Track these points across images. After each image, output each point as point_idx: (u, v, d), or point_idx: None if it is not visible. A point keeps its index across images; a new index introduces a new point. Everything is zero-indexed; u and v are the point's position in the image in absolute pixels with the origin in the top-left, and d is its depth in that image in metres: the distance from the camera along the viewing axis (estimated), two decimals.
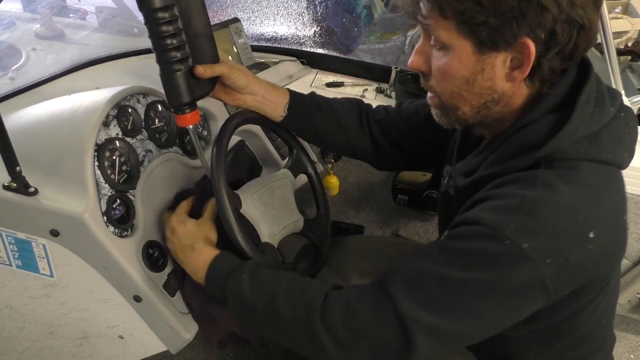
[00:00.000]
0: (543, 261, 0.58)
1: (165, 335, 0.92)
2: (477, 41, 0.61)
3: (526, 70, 0.61)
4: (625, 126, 0.67)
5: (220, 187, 0.78)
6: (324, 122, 0.95)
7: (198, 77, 0.78)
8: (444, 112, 0.72)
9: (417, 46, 0.69)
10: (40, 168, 0.84)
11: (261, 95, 0.90)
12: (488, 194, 0.65)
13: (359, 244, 1.21)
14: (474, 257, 0.61)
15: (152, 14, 0.70)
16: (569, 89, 0.65)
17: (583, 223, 0.60)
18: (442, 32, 0.62)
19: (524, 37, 0.59)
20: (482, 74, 0.64)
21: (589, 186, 0.62)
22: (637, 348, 1.66)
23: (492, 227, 0.59)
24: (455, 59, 0.64)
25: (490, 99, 0.66)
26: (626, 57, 2.24)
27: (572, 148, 0.62)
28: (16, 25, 1.56)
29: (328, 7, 1.69)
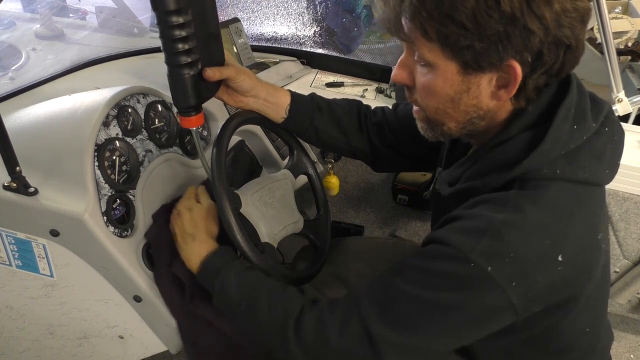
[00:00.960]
0: (509, 284, 0.59)
1: (165, 335, 0.92)
2: (462, 63, 0.60)
3: (512, 90, 0.60)
4: (609, 141, 0.66)
5: (220, 187, 0.78)
6: (324, 123, 0.95)
7: (206, 79, 0.78)
8: (429, 126, 0.71)
9: (400, 59, 0.68)
10: (40, 168, 0.84)
11: (263, 98, 0.90)
12: (460, 213, 0.65)
13: (356, 246, 1.21)
14: (441, 278, 0.62)
15: (165, 16, 0.68)
16: (547, 105, 0.64)
17: (550, 246, 0.60)
18: (425, 51, 0.61)
19: (510, 60, 0.58)
20: (468, 93, 0.63)
21: (560, 208, 0.62)
22: (637, 348, 1.66)
23: (459, 249, 0.60)
24: (440, 78, 0.62)
25: (475, 115, 0.66)
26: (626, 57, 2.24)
27: (547, 167, 0.62)
28: (16, 25, 1.56)
29: (328, 7, 1.69)
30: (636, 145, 1.29)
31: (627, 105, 1.29)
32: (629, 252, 1.41)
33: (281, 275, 0.84)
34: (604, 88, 1.31)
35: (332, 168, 1.53)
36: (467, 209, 0.65)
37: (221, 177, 0.78)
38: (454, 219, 0.65)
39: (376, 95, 1.48)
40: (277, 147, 1.31)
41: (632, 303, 1.56)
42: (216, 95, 0.87)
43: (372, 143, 0.99)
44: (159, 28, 0.71)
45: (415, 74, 0.66)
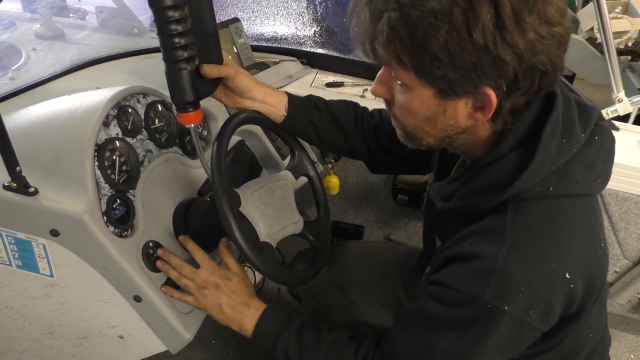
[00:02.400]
0: (527, 313, 0.60)
1: (165, 335, 0.92)
2: (437, 89, 0.60)
3: (488, 114, 0.60)
4: (599, 151, 0.65)
5: (219, 186, 0.78)
6: (323, 122, 0.96)
7: (203, 76, 0.79)
8: (408, 138, 0.72)
9: (379, 75, 0.68)
10: (40, 168, 0.83)
11: (260, 99, 0.90)
12: (460, 251, 0.65)
13: (350, 251, 1.21)
14: (464, 324, 0.64)
15: (162, 12, 0.69)
16: (533, 121, 0.63)
17: (557, 269, 0.61)
18: (402, 75, 0.61)
19: (484, 87, 0.57)
20: (445, 115, 0.63)
21: (559, 227, 0.62)
22: (637, 348, 1.66)
23: (471, 294, 0.61)
24: (416, 99, 0.62)
25: (453, 132, 0.66)
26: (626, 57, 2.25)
27: (540, 185, 0.62)
28: (16, 25, 1.56)
29: (328, 7, 1.69)
30: (636, 145, 1.29)
31: (627, 105, 1.29)
32: (629, 252, 1.41)
33: (280, 275, 0.84)
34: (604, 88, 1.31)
35: (332, 168, 1.53)
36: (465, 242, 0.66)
37: (221, 176, 0.78)
38: (456, 259, 0.66)
39: None
40: (277, 147, 1.31)
41: (632, 303, 1.56)
42: (213, 96, 0.87)
43: (368, 144, 0.99)
44: (155, 24, 0.71)
45: (394, 90, 0.66)
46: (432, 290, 0.68)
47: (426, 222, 0.95)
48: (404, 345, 0.72)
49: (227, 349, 1.60)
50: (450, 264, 0.66)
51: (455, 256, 0.66)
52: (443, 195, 0.73)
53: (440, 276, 0.67)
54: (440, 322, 0.66)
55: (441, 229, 0.80)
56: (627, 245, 1.39)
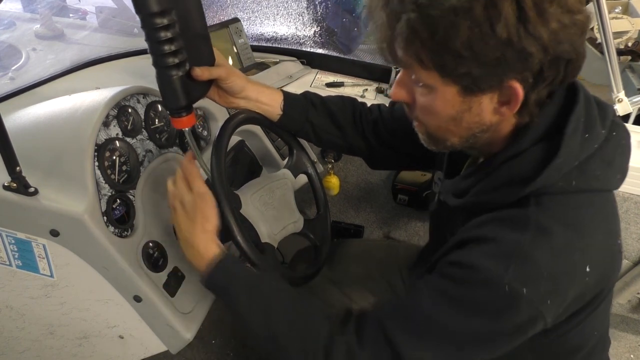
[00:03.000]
0: (544, 302, 0.59)
1: (165, 335, 0.92)
2: (462, 86, 0.59)
3: (515, 107, 0.60)
4: (617, 147, 0.65)
5: (220, 188, 0.78)
6: (319, 119, 0.95)
7: (195, 79, 0.78)
8: (432, 140, 0.70)
9: (398, 77, 0.66)
10: (40, 168, 0.83)
11: (254, 99, 0.90)
12: (482, 233, 0.63)
13: (349, 249, 1.21)
14: (476, 305, 0.61)
15: (149, 18, 0.68)
16: (555, 116, 0.63)
17: (579, 261, 0.60)
18: (423, 76, 0.60)
19: (510, 81, 0.57)
20: (470, 112, 0.62)
21: (582, 222, 0.62)
22: (637, 348, 1.66)
23: (490, 274, 0.59)
24: (440, 99, 0.61)
25: (479, 130, 0.65)
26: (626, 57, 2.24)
27: (562, 180, 0.61)
28: (16, 25, 1.56)
29: (328, 7, 1.69)
30: (636, 145, 1.29)
31: (627, 105, 1.29)
32: (629, 252, 1.41)
33: (281, 276, 0.84)
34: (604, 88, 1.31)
35: (332, 168, 1.53)
36: (482, 228, 0.64)
37: (221, 177, 0.78)
38: (472, 241, 0.64)
39: (376, 95, 1.48)
40: (277, 147, 1.31)
41: (632, 303, 1.56)
42: (208, 96, 0.87)
43: (369, 140, 0.98)
44: (144, 31, 0.70)
45: (415, 92, 0.65)
46: (443, 270, 0.65)
47: (435, 221, 0.93)
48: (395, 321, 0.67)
49: (227, 349, 1.60)
50: (466, 246, 0.64)
51: (471, 239, 0.64)
52: (456, 191, 0.72)
53: (453, 256, 0.65)
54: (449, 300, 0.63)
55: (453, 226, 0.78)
56: (627, 245, 1.39)
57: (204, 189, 0.79)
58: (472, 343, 0.63)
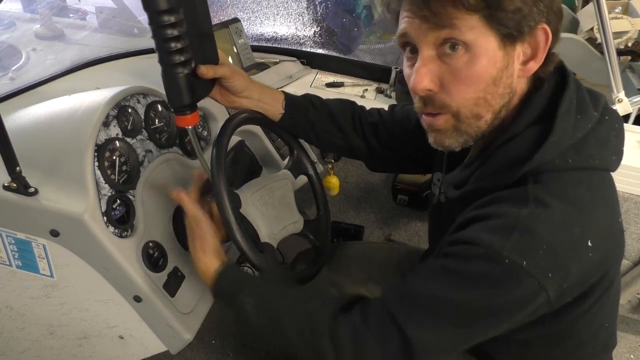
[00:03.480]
0: (545, 276, 0.58)
1: (165, 335, 0.92)
2: (502, 34, 0.59)
3: (542, 57, 0.62)
4: (611, 129, 0.67)
5: (220, 187, 0.78)
6: (319, 119, 0.96)
7: (200, 77, 0.79)
8: (458, 131, 0.67)
9: (420, 64, 0.62)
10: (40, 168, 0.83)
11: (257, 98, 0.91)
12: (482, 212, 0.64)
13: (350, 251, 1.21)
14: (476, 278, 0.61)
15: (157, 16, 0.68)
16: (548, 99, 0.64)
17: (579, 234, 0.60)
18: (466, 30, 0.58)
19: (541, 23, 0.60)
20: (507, 70, 0.62)
21: (580, 196, 0.62)
22: (637, 348, 1.66)
23: (491, 247, 0.59)
24: (483, 57, 0.60)
25: (507, 99, 0.65)
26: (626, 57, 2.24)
27: (558, 159, 0.62)
28: (16, 25, 1.56)
29: (328, 7, 1.69)
30: (636, 145, 1.29)
31: (627, 105, 1.29)
32: (629, 252, 1.40)
33: (280, 275, 0.84)
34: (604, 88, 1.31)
35: (332, 168, 1.53)
36: (483, 208, 0.64)
37: (221, 176, 0.78)
38: (474, 220, 0.64)
39: (376, 95, 1.48)
40: (277, 147, 1.31)
41: (632, 303, 1.56)
42: (210, 95, 0.87)
43: (369, 142, 0.99)
44: (151, 28, 0.71)
45: (443, 71, 0.62)
46: (447, 250, 0.65)
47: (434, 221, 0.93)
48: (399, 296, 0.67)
49: (227, 349, 1.60)
50: (469, 225, 0.65)
51: (474, 217, 0.64)
52: (456, 182, 0.73)
53: (456, 235, 0.65)
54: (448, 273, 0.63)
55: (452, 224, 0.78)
56: (627, 246, 1.39)
57: (194, 211, 0.83)
58: (475, 317, 0.63)
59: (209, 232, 0.82)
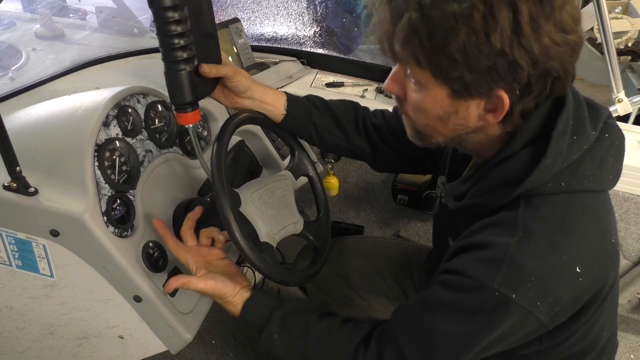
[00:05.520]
0: (534, 305, 0.61)
1: (165, 335, 0.92)
2: (452, 90, 0.61)
3: (499, 116, 0.62)
4: (610, 147, 0.66)
5: (219, 186, 0.78)
6: (322, 120, 0.96)
7: (203, 75, 0.79)
8: (418, 136, 0.72)
9: (393, 72, 0.68)
10: (40, 168, 0.83)
11: (259, 99, 0.91)
12: (474, 241, 0.66)
13: (359, 245, 1.21)
14: (470, 310, 0.64)
15: (161, 12, 0.70)
16: (544, 120, 0.64)
17: (567, 261, 0.61)
18: (417, 73, 0.62)
19: (498, 90, 0.59)
20: (456, 114, 0.64)
21: (571, 222, 0.63)
22: (637, 348, 1.67)
23: (480, 280, 0.62)
24: (430, 98, 0.63)
25: (464, 132, 0.67)
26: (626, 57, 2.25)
27: (551, 182, 0.63)
28: (16, 25, 1.56)
29: (328, 7, 1.69)
30: (636, 145, 1.29)
31: (627, 105, 1.29)
32: (629, 252, 1.41)
33: (280, 275, 0.84)
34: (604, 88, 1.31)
35: (332, 168, 1.53)
36: (478, 234, 0.66)
37: (221, 176, 0.78)
38: (467, 248, 0.66)
39: (376, 95, 1.48)
40: (277, 147, 1.31)
41: (632, 303, 1.57)
42: (212, 96, 0.88)
43: (373, 143, 0.99)
44: (155, 25, 0.72)
45: (407, 87, 0.67)
46: (441, 278, 0.69)
47: (437, 224, 0.95)
48: (405, 330, 0.72)
49: (227, 349, 1.60)
50: (462, 253, 0.67)
51: (466, 246, 0.67)
52: (456, 195, 0.74)
53: (450, 264, 0.68)
54: (446, 307, 0.67)
55: (454, 230, 0.80)
56: (627, 245, 1.39)
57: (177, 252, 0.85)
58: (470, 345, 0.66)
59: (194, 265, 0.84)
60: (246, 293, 0.85)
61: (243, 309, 0.83)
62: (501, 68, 0.56)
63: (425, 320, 0.70)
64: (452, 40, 0.55)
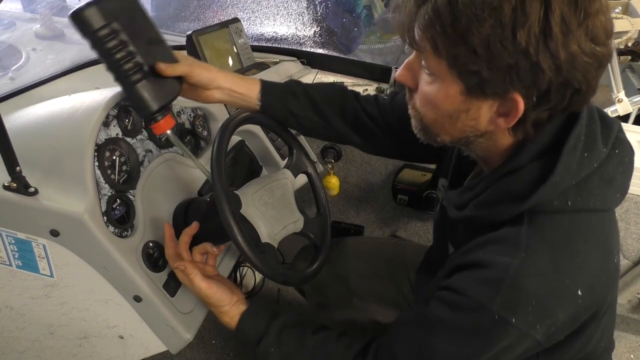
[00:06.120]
0: (534, 327, 0.60)
1: (165, 335, 0.92)
2: (467, 85, 0.58)
3: (512, 121, 0.59)
4: (619, 165, 0.64)
5: (220, 188, 0.78)
6: (300, 107, 0.93)
7: (162, 80, 0.79)
8: (424, 131, 0.69)
9: (408, 60, 0.66)
10: (40, 168, 0.83)
11: (228, 88, 0.89)
12: (475, 258, 0.64)
13: (357, 245, 1.21)
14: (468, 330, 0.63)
15: (94, 36, 0.72)
16: (556, 133, 0.62)
17: (569, 285, 0.60)
18: (433, 63, 0.59)
19: (514, 93, 0.56)
20: (467, 114, 0.61)
21: (574, 244, 0.61)
22: (637, 348, 1.67)
23: (480, 301, 0.61)
24: (442, 92, 0.61)
25: (472, 134, 0.64)
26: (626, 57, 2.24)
27: (557, 200, 0.60)
28: (16, 25, 1.56)
29: (328, 7, 1.69)
30: (636, 146, 1.29)
31: (627, 105, 1.29)
32: (629, 252, 1.40)
33: (282, 276, 0.84)
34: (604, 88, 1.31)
35: (332, 168, 1.53)
36: (479, 251, 0.64)
37: (221, 177, 0.78)
38: (468, 266, 0.65)
39: None
40: (277, 147, 1.31)
41: (632, 303, 1.57)
42: (184, 95, 0.88)
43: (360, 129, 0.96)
44: (95, 51, 0.74)
45: (419, 79, 0.64)
46: (441, 295, 0.67)
47: (438, 228, 0.93)
48: (403, 346, 0.71)
49: (227, 349, 1.60)
50: (462, 271, 0.65)
51: (467, 264, 0.65)
52: (457, 204, 0.72)
53: (450, 282, 0.66)
54: (444, 326, 0.66)
55: (454, 236, 0.79)
56: (627, 245, 1.39)
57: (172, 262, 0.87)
58: None
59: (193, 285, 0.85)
60: (243, 305, 0.86)
61: (240, 320, 0.84)
62: (522, 69, 0.53)
63: (423, 338, 0.68)
64: (475, 31, 0.52)
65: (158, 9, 1.90)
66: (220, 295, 0.85)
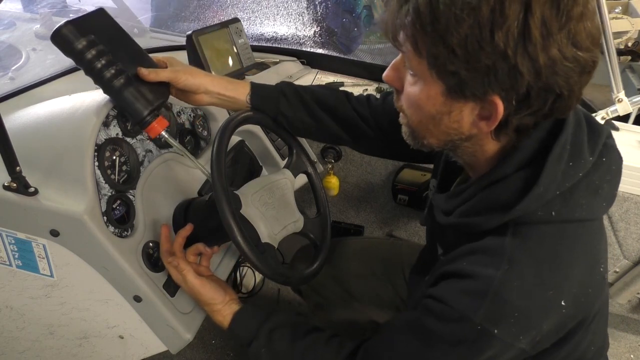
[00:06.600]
0: (517, 339, 0.59)
1: (165, 335, 0.92)
2: (447, 86, 0.58)
3: (492, 124, 0.58)
4: (606, 173, 0.63)
5: (220, 189, 0.78)
6: (291, 109, 0.94)
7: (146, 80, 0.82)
8: (412, 135, 0.69)
9: (394, 61, 0.66)
10: (40, 168, 0.83)
11: (216, 92, 0.90)
12: (459, 268, 0.64)
13: (353, 246, 1.21)
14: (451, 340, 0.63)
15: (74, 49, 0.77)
16: (542, 141, 0.61)
17: (553, 296, 0.60)
18: (415, 63, 0.59)
19: (493, 95, 0.55)
20: (449, 116, 0.61)
21: (559, 255, 0.61)
22: (637, 348, 1.66)
23: (463, 312, 0.60)
24: (424, 93, 0.60)
25: (457, 137, 0.63)
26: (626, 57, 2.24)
27: (542, 210, 0.60)
28: (16, 25, 1.56)
29: (328, 7, 1.69)
30: (636, 145, 1.29)
31: (627, 105, 1.28)
32: (629, 252, 1.40)
33: (282, 276, 0.84)
34: (603, 88, 1.31)
35: (332, 168, 1.53)
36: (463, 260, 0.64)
37: (221, 177, 0.78)
38: (451, 275, 0.65)
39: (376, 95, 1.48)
40: (277, 147, 1.31)
41: (632, 303, 1.56)
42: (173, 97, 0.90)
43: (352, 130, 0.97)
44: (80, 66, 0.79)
45: (405, 80, 0.65)
46: (427, 304, 0.67)
47: (428, 228, 0.94)
48: (390, 352, 0.71)
49: (227, 349, 1.60)
50: (448, 279, 0.65)
51: (452, 272, 0.65)
52: (444, 209, 0.72)
53: (436, 290, 0.66)
54: (431, 335, 0.65)
55: (443, 239, 0.79)
56: (627, 245, 1.39)
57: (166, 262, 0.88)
58: None
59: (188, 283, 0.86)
60: (236, 305, 0.87)
61: (232, 320, 0.85)
62: (500, 71, 0.52)
63: (408, 345, 0.69)
64: (454, 31, 0.51)
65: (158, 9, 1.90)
66: (213, 293, 0.85)
